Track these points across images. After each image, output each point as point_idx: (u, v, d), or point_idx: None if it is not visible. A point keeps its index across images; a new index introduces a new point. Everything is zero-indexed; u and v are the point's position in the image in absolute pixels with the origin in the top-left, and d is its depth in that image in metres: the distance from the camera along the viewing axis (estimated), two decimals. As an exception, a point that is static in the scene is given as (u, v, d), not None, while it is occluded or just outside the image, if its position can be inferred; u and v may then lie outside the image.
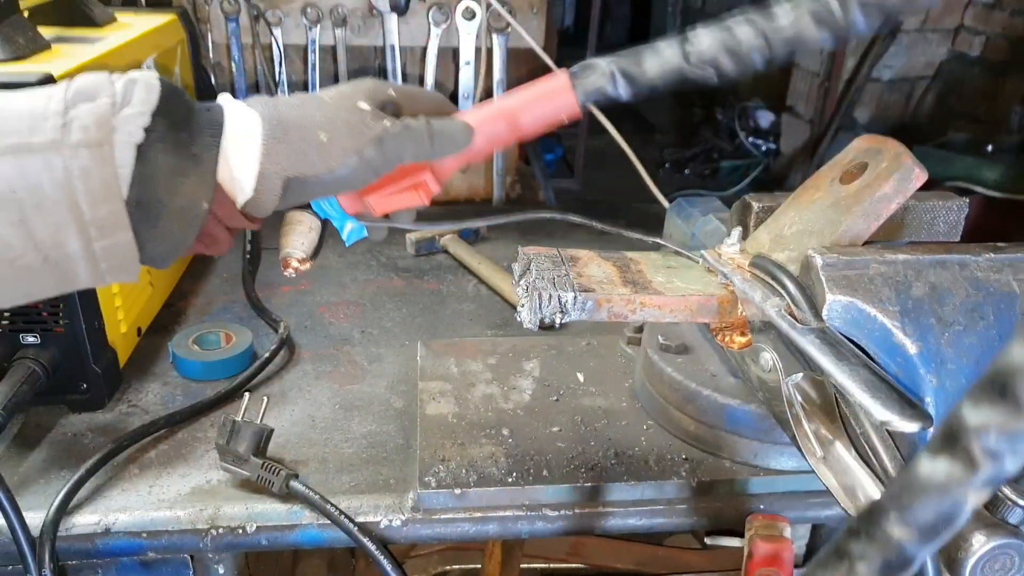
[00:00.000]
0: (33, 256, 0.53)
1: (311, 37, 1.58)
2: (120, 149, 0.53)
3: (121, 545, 0.77)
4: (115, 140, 0.53)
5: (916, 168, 0.69)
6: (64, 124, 0.52)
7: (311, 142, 0.59)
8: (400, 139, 0.61)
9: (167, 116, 0.56)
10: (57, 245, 0.53)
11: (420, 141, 0.62)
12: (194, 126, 0.58)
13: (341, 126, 0.60)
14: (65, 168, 0.52)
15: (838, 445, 0.64)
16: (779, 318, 0.64)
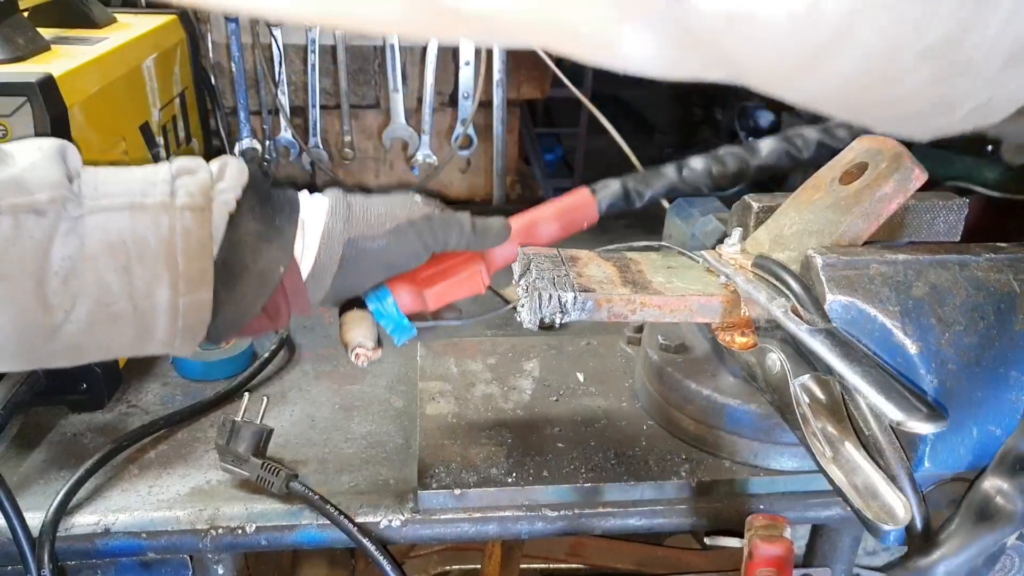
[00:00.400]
0: (126, 304, 0.58)
1: (311, 37, 1.58)
2: (217, 215, 0.61)
3: (121, 545, 0.77)
4: (213, 207, 0.61)
5: (916, 168, 0.69)
6: (172, 191, 0.60)
7: (371, 211, 0.68)
8: (447, 222, 0.71)
9: (255, 192, 0.64)
10: (149, 295, 0.59)
11: (463, 227, 0.72)
12: (275, 202, 0.66)
13: (397, 204, 0.70)
14: (170, 226, 0.59)
15: (847, 444, 0.64)
16: (786, 319, 0.64)
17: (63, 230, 0.56)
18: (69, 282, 0.56)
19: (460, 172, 1.81)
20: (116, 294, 0.58)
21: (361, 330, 0.73)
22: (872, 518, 0.58)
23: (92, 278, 0.57)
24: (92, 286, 0.57)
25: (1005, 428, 0.63)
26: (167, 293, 0.59)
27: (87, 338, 0.59)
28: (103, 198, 0.58)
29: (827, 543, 0.98)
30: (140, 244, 0.58)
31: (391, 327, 0.73)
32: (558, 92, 1.80)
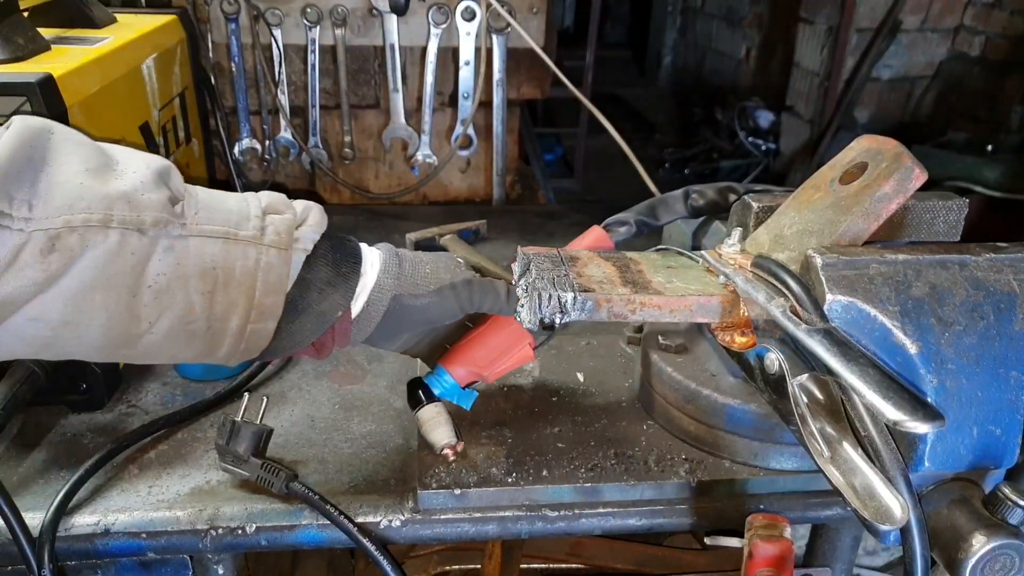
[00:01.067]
0: (203, 323, 0.63)
1: (311, 37, 1.58)
2: (295, 255, 0.67)
3: (121, 545, 0.77)
4: (295, 247, 0.67)
5: (916, 168, 0.69)
6: (263, 227, 0.65)
7: (418, 271, 0.75)
8: (484, 288, 0.76)
9: (328, 239, 0.70)
10: (224, 319, 0.64)
11: (499, 295, 0.77)
12: (344, 250, 0.72)
13: (443, 265, 0.77)
14: (256, 260, 0.64)
15: (845, 444, 0.64)
16: (785, 319, 0.64)
17: (162, 248, 0.60)
18: (160, 297, 0.61)
19: (460, 172, 1.81)
20: (198, 314, 0.63)
21: (443, 429, 0.82)
22: (870, 518, 0.58)
23: (180, 297, 0.62)
24: (179, 304, 0.62)
25: (1005, 428, 0.63)
26: (240, 320, 0.65)
27: (161, 348, 0.64)
28: (203, 224, 0.62)
29: (827, 543, 0.98)
30: (227, 272, 0.63)
31: (456, 398, 0.84)
32: (558, 92, 1.80)
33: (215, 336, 0.65)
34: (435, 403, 0.83)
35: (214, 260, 0.62)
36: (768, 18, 5.16)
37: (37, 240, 0.55)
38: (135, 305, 0.60)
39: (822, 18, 4.34)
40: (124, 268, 0.59)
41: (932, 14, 4.03)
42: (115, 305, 0.59)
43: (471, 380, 0.84)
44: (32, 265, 0.55)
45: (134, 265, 0.59)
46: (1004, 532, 0.60)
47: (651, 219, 0.94)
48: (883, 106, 4.31)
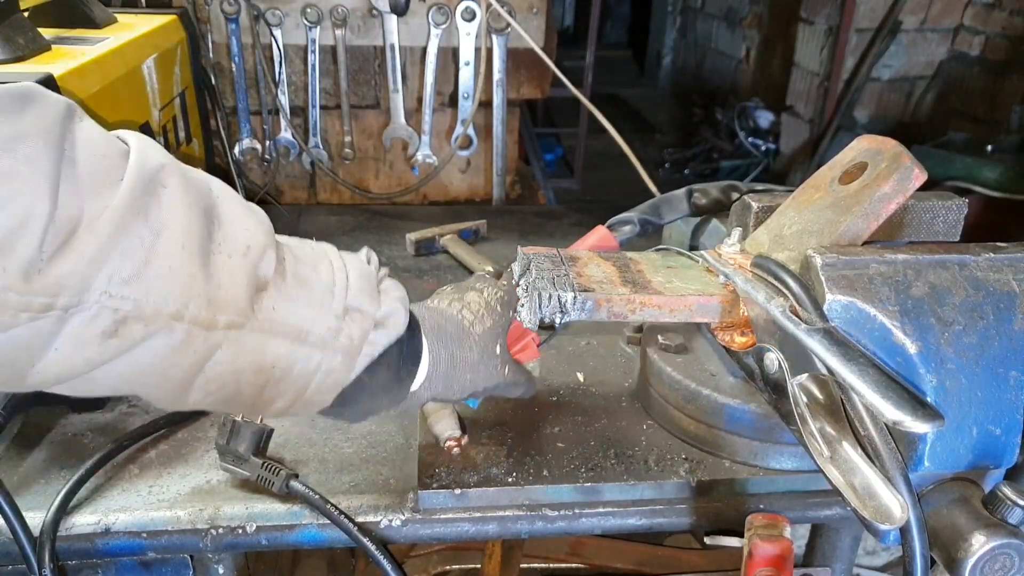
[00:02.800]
0: (247, 402, 0.61)
1: (311, 37, 1.58)
2: (361, 360, 0.63)
3: (121, 545, 0.77)
4: (363, 352, 0.62)
5: (916, 168, 0.69)
6: (339, 329, 0.61)
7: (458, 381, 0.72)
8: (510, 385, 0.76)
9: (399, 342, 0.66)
10: (269, 404, 0.61)
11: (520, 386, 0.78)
12: (409, 351, 0.68)
13: (482, 371, 0.73)
14: (318, 364, 0.60)
15: (845, 444, 0.64)
16: (784, 318, 0.64)
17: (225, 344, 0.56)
18: (210, 383, 0.57)
19: (460, 172, 1.81)
20: (245, 399, 0.60)
21: (447, 422, 0.83)
22: (869, 518, 0.59)
23: (232, 386, 0.59)
24: (229, 389, 0.59)
25: (1005, 428, 0.63)
26: (284, 406, 0.62)
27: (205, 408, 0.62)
28: (276, 320, 0.58)
29: (827, 543, 0.98)
30: (285, 371, 0.59)
31: None
32: (558, 92, 1.80)
33: (256, 411, 0.64)
34: None
35: (275, 360, 0.58)
36: (768, 18, 5.17)
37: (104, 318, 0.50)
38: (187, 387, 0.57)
39: (822, 18, 4.34)
40: (182, 364, 0.55)
41: (932, 14, 4.03)
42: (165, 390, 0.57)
43: None
44: (91, 344, 0.50)
45: (193, 362, 0.55)
46: (1004, 532, 0.60)
47: (655, 217, 0.94)
48: (883, 106, 4.31)
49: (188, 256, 0.52)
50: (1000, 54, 3.78)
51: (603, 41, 6.33)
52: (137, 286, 0.50)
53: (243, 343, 0.56)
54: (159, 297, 0.51)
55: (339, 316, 0.61)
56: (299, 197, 1.80)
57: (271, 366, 0.58)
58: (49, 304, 0.47)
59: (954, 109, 4.02)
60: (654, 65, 7.18)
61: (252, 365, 0.58)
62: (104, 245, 0.48)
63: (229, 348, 0.56)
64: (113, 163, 0.50)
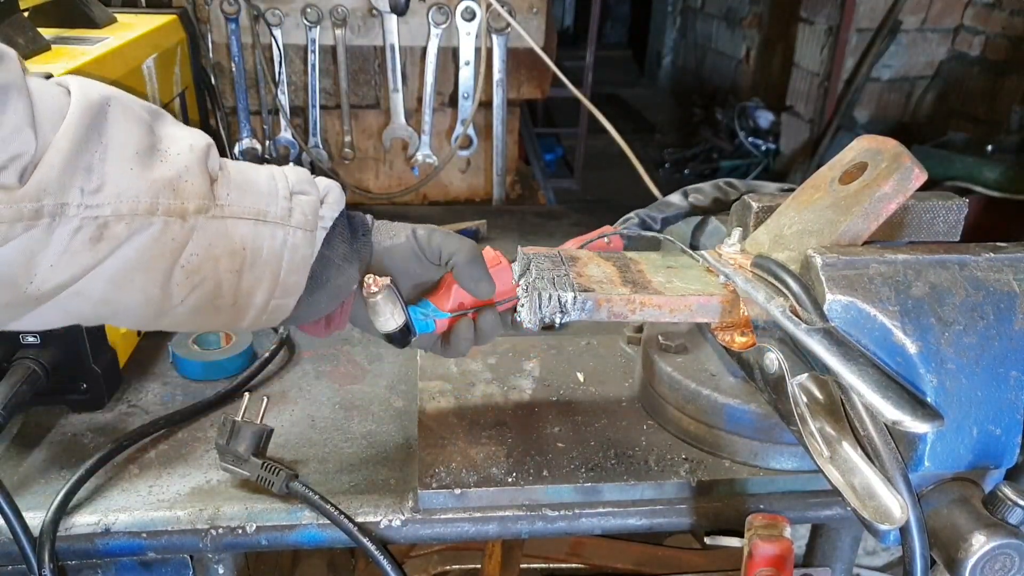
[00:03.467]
0: (229, 299, 0.66)
1: (311, 37, 1.58)
2: (317, 234, 0.69)
3: (121, 545, 0.77)
4: (318, 226, 0.69)
5: (916, 168, 0.69)
6: (290, 208, 0.68)
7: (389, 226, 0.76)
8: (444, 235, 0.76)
9: (343, 216, 0.72)
10: (249, 295, 0.67)
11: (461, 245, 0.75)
12: (354, 224, 0.74)
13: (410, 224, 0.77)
14: (283, 240, 0.67)
15: (845, 444, 0.64)
16: (784, 318, 0.64)
17: (198, 231, 0.62)
18: (191, 276, 0.63)
19: (460, 172, 1.81)
20: (225, 291, 0.65)
21: None
22: (869, 518, 0.59)
23: (211, 275, 0.64)
24: (209, 281, 0.64)
25: (1005, 428, 0.64)
26: (264, 296, 0.67)
27: (189, 320, 0.67)
28: (235, 205, 0.65)
29: (827, 543, 0.98)
30: (255, 252, 0.65)
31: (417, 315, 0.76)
32: (558, 92, 1.80)
33: (240, 310, 0.67)
34: None
35: (243, 241, 0.65)
36: (768, 18, 5.17)
37: (88, 227, 0.57)
38: (169, 284, 0.63)
39: (822, 18, 4.34)
40: (164, 252, 0.61)
41: (932, 14, 4.03)
42: (151, 285, 0.62)
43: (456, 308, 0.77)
44: (83, 251, 0.57)
45: (173, 249, 0.61)
46: (1004, 532, 0.60)
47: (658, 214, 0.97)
48: (883, 106, 4.31)
49: (144, 158, 0.60)
50: (1000, 54, 3.78)
51: (603, 41, 6.33)
52: (108, 192, 0.58)
53: (212, 228, 0.63)
54: (131, 197, 0.59)
55: (287, 198, 0.68)
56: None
57: (242, 248, 0.65)
58: (37, 210, 0.55)
59: (954, 109, 4.02)
60: (654, 65, 7.18)
61: (225, 250, 0.64)
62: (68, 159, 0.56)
63: (201, 235, 0.62)
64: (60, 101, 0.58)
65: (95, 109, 0.59)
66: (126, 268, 0.60)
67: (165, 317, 0.65)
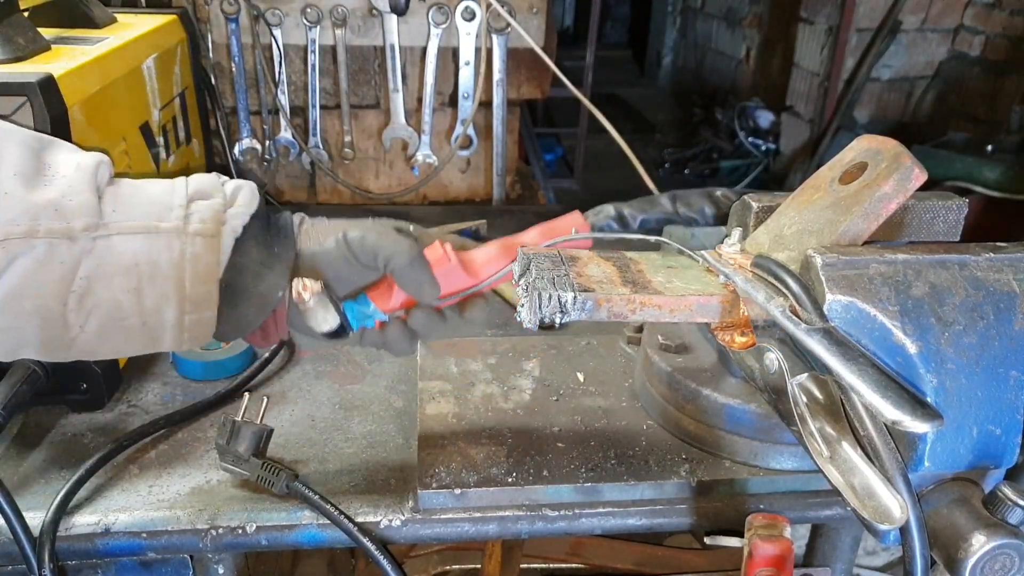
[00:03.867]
0: (135, 320, 0.62)
1: (311, 37, 1.58)
2: (225, 240, 0.64)
3: (121, 545, 0.77)
4: (223, 232, 0.64)
5: (916, 168, 0.69)
6: (186, 215, 0.63)
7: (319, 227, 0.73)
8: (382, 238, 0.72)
9: (259, 218, 0.67)
10: (157, 312, 0.63)
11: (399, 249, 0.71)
12: (275, 228, 0.69)
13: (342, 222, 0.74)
14: (181, 251, 0.62)
15: (844, 444, 0.64)
16: (784, 318, 0.64)
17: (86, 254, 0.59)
18: (84, 300, 0.60)
19: (460, 172, 1.81)
20: (127, 311, 0.62)
21: None
22: (869, 518, 0.59)
23: (106, 296, 0.61)
24: (106, 303, 0.61)
25: (1005, 428, 0.63)
26: (174, 312, 0.63)
27: (99, 346, 0.64)
28: (122, 220, 0.61)
29: (827, 543, 0.98)
30: (152, 267, 0.62)
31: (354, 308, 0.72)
32: (558, 92, 1.80)
33: (152, 330, 0.64)
34: None
35: (136, 256, 0.61)
36: (768, 18, 5.17)
37: None
38: (63, 311, 0.60)
39: (822, 18, 4.34)
40: (53, 277, 0.59)
41: (932, 14, 4.03)
42: (46, 313, 0.60)
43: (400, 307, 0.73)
44: None
45: (62, 274, 0.59)
46: (1004, 532, 0.60)
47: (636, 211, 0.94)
48: (883, 106, 4.31)
49: (23, 180, 0.58)
50: (1000, 54, 3.78)
51: (603, 41, 6.33)
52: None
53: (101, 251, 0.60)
54: (5, 221, 0.56)
55: (183, 205, 0.64)
56: (299, 197, 1.80)
57: (135, 264, 0.61)
58: None
59: (954, 109, 4.02)
60: (654, 65, 7.18)
61: (117, 268, 0.61)
62: None
63: (90, 261, 0.60)
64: None
65: None
66: (12, 295, 0.58)
67: (73, 346, 0.63)
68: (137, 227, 0.61)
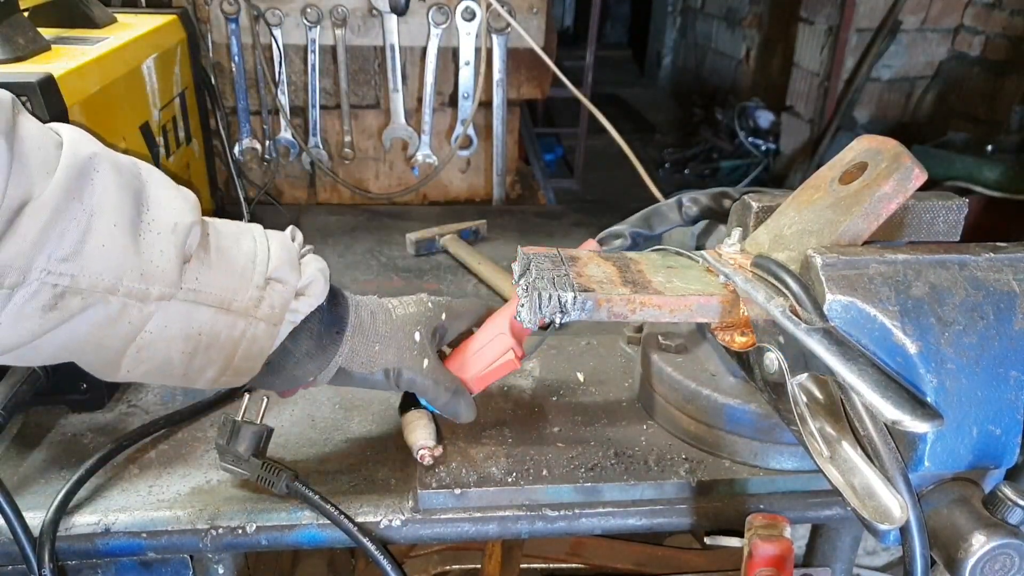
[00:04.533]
0: (179, 372, 0.65)
1: (311, 37, 1.58)
2: (283, 328, 0.67)
3: (121, 545, 0.77)
4: (285, 319, 0.67)
5: (916, 168, 0.69)
6: (261, 297, 0.65)
7: (368, 349, 0.74)
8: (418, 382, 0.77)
9: (321, 310, 0.70)
10: (200, 372, 0.66)
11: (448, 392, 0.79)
12: (331, 319, 0.72)
13: (392, 346, 0.76)
14: (243, 331, 0.65)
15: (844, 444, 0.64)
16: (784, 318, 0.64)
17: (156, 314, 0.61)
18: (141, 352, 0.62)
19: (460, 172, 1.81)
20: (175, 366, 0.65)
21: (422, 431, 0.82)
22: (869, 518, 0.59)
23: (162, 354, 0.63)
24: (159, 359, 0.63)
25: (1005, 428, 0.63)
26: (214, 374, 0.67)
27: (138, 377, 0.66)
28: (202, 290, 0.63)
29: (827, 543, 0.98)
30: (212, 337, 0.64)
31: None
32: (558, 92, 1.80)
33: (189, 380, 0.67)
34: (420, 409, 0.85)
35: (202, 327, 0.63)
36: (768, 18, 5.17)
37: (44, 293, 0.55)
38: (118, 360, 0.62)
39: (822, 18, 4.34)
40: (117, 333, 0.60)
41: (932, 14, 4.03)
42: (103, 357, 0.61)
43: None
44: (33, 317, 0.55)
45: (127, 332, 0.60)
46: (1004, 532, 0.60)
47: (645, 230, 0.94)
48: (883, 106, 4.31)
49: (120, 234, 0.57)
50: (1000, 54, 3.78)
51: (603, 41, 6.33)
52: (74, 263, 0.55)
53: (172, 313, 0.61)
54: (94, 272, 0.56)
55: (260, 286, 0.65)
56: (299, 197, 1.80)
57: (198, 334, 0.63)
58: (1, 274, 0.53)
59: (954, 109, 4.02)
60: (654, 65, 7.17)
61: (181, 333, 0.62)
62: (44, 227, 0.53)
63: (159, 318, 0.61)
64: (49, 153, 0.55)
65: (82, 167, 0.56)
66: (76, 340, 0.59)
67: (113, 377, 0.65)
68: (212, 300, 0.63)
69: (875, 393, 0.56)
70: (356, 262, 1.36)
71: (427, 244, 1.40)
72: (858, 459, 0.63)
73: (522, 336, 0.84)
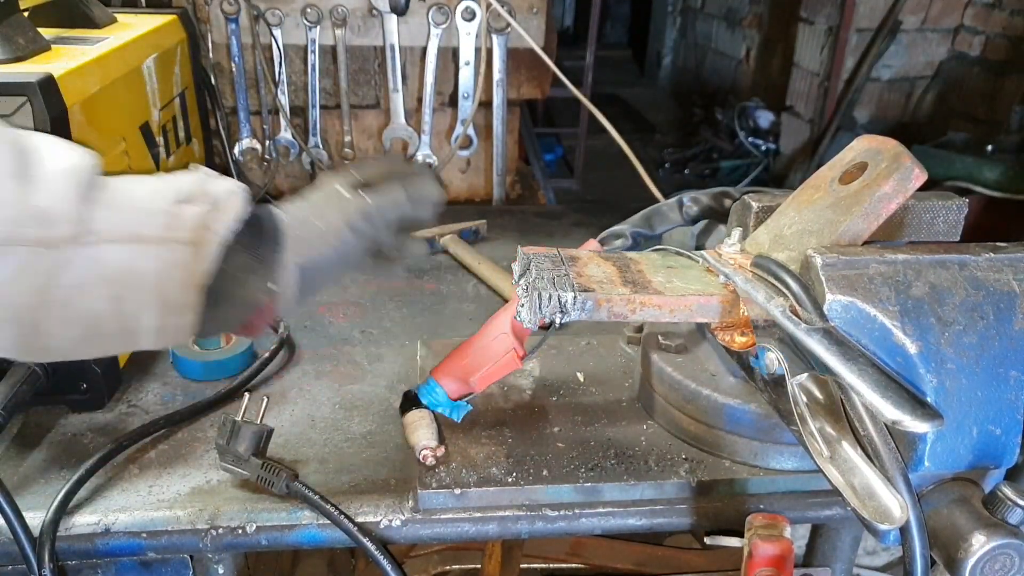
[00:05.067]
0: (114, 326, 0.62)
1: (311, 37, 1.58)
2: (210, 248, 0.63)
3: (121, 545, 0.77)
4: (208, 239, 0.63)
5: (916, 168, 0.69)
6: (170, 223, 0.61)
7: (313, 231, 0.70)
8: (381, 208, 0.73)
9: (246, 222, 0.66)
10: (136, 318, 0.62)
11: (398, 203, 0.74)
12: (263, 231, 0.67)
13: (331, 213, 0.71)
14: (167, 260, 0.61)
15: (844, 444, 0.64)
16: (784, 318, 0.64)
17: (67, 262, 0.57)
18: (62, 310, 0.58)
19: (460, 172, 1.81)
20: (106, 318, 0.61)
21: (424, 431, 0.82)
22: (869, 518, 0.59)
23: (85, 306, 0.60)
24: (84, 313, 0.60)
25: (1005, 428, 0.64)
26: (154, 317, 0.62)
27: (76, 349, 0.63)
28: (107, 229, 0.59)
29: (827, 543, 0.98)
30: (134, 276, 0.60)
31: (447, 411, 0.86)
32: (558, 92, 1.80)
33: (130, 334, 0.63)
34: (423, 409, 0.85)
35: (119, 265, 0.60)
36: (768, 18, 5.16)
37: None
38: (38, 320, 0.59)
39: (822, 18, 4.34)
40: (29, 287, 0.57)
41: (932, 14, 4.03)
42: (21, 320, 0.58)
43: (463, 392, 0.87)
44: None
45: (40, 285, 0.57)
46: (1004, 532, 0.60)
47: (646, 230, 0.95)
48: (883, 106, 4.31)
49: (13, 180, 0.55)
50: (1000, 54, 3.78)
51: (603, 41, 6.33)
52: None
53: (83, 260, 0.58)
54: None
55: (170, 212, 0.62)
56: (299, 197, 1.80)
57: (118, 273, 0.60)
58: None
59: (954, 109, 4.02)
60: (654, 65, 7.17)
61: (98, 279, 0.59)
62: None
63: (72, 272, 0.58)
64: None
65: None
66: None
67: (50, 350, 0.62)
68: (122, 235, 0.60)
69: (875, 393, 0.56)
70: (356, 262, 1.36)
71: (427, 244, 1.40)
72: (858, 459, 0.63)
73: (523, 336, 0.84)
